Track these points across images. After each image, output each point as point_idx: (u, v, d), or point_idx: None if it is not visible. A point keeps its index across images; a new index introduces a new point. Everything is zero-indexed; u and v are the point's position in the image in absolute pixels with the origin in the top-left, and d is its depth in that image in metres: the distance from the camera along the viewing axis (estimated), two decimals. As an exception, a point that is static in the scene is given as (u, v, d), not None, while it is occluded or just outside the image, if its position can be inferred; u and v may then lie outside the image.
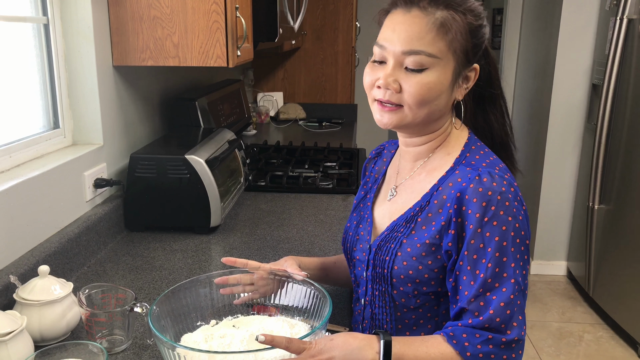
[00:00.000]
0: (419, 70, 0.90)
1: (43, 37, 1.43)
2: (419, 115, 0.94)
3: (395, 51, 0.91)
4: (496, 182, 0.89)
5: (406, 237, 0.95)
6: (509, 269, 0.87)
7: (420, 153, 1.02)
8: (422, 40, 0.90)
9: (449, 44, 0.90)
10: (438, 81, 0.91)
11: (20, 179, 1.20)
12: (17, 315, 0.94)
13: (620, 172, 2.81)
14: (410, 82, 0.91)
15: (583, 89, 3.27)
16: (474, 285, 0.87)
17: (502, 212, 0.87)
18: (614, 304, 2.89)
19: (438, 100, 0.93)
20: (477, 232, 0.87)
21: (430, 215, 0.94)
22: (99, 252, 1.45)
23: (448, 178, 0.94)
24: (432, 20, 0.90)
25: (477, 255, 0.88)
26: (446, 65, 0.91)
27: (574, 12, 3.18)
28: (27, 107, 1.40)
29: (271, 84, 3.54)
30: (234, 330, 1.00)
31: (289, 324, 1.01)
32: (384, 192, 1.09)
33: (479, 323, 0.86)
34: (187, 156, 1.53)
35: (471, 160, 0.95)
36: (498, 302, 0.86)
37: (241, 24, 1.60)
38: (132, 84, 1.72)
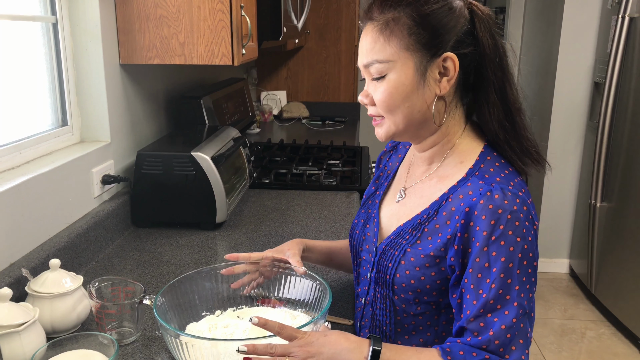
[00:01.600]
0: (380, 78, 0.91)
1: (52, 36, 1.45)
2: (398, 121, 0.93)
3: (361, 67, 0.94)
4: (508, 200, 0.85)
5: (411, 245, 0.94)
6: (513, 291, 0.84)
7: (431, 157, 0.99)
8: (373, 49, 0.90)
9: (398, 43, 0.88)
10: (399, 83, 0.89)
11: (31, 175, 1.23)
12: (29, 307, 0.97)
13: (622, 169, 2.82)
14: (376, 92, 0.92)
15: (585, 87, 3.28)
16: (475, 305, 0.85)
17: (510, 232, 0.84)
18: (616, 301, 2.90)
19: (408, 101, 0.90)
20: (483, 251, 0.85)
21: (437, 226, 0.92)
22: (107, 248, 1.47)
23: (459, 189, 0.91)
24: (376, 26, 0.90)
25: (481, 274, 0.85)
26: (404, 64, 0.89)
27: (576, 11, 3.19)
28: (36, 105, 1.42)
29: (274, 82, 3.56)
30: (237, 320, 1.02)
31: (291, 315, 1.03)
32: (393, 191, 1.08)
33: (477, 343, 0.84)
34: (193, 153, 1.55)
35: (485, 173, 0.91)
36: (499, 325, 0.83)
37: (246, 22, 1.63)
38: (138, 82, 1.75)
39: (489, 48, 0.91)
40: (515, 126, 0.95)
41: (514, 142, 0.94)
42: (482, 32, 0.91)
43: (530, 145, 0.96)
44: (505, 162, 0.94)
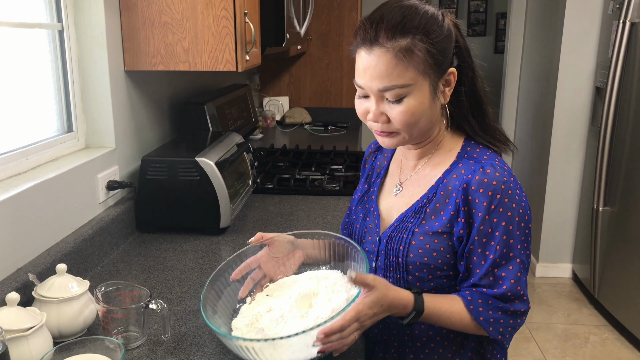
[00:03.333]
0: (398, 101, 0.96)
1: (58, 43, 1.47)
2: (415, 134, 1.01)
3: (372, 89, 0.97)
4: (499, 173, 0.97)
5: (417, 226, 1.02)
6: (515, 249, 0.97)
7: (423, 152, 1.09)
8: (391, 75, 0.94)
9: (416, 69, 0.94)
10: (419, 103, 0.96)
11: (36, 181, 1.24)
12: (37, 312, 0.97)
13: (624, 174, 2.83)
14: (394, 113, 0.97)
15: (586, 92, 3.29)
16: (484, 265, 0.97)
17: (506, 200, 0.96)
18: (620, 306, 2.90)
19: (425, 117, 0.99)
20: (486, 219, 0.96)
21: (438, 205, 1.02)
22: (112, 253, 1.48)
23: (452, 171, 1.02)
24: (393, 55, 0.93)
25: (486, 239, 0.97)
26: (422, 86, 0.96)
27: (577, 16, 3.20)
28: (42, 111, 1.43)
29: (277, 88, 3.57)
30: (273, 300, 1.02)
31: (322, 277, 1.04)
32: (388, 186, 1.15)
33: (493, 294, 0.98)
34: (198, 159, 1.56)
35: (473, 154, 1.03)
36: (508, 279, 0.97)
37: (250, 29, 1.64)
38: (143, 88, 1.76)
39: (465, 52, 1.04)
40: (484, 116, 1.07)
41: (486, 130, 1.07)
42: (461, 40, 1.03)
43: (497, 133, 1.08)
44: (483, 146, 1.06)
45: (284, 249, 1.12)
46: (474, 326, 0.99)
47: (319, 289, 1.01)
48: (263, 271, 1.11)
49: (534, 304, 3.25)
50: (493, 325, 0.98)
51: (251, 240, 1.11)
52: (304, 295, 1.00)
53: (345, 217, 1.26)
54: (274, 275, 1.12)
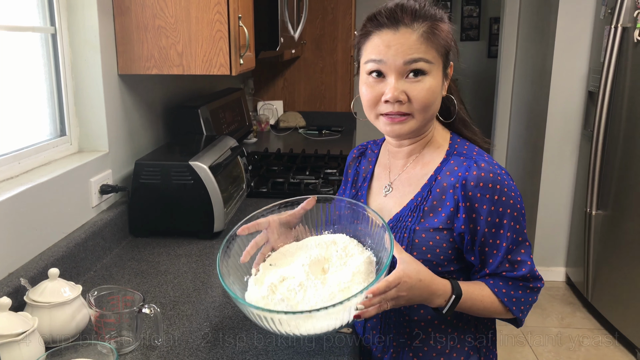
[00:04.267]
0: (422, 76, 0.99)
1: (51, 47, 1.46)
2: (425, 119, 1.03)
3: (396, 64, 0.98)
4: (492, 166, 1.01)
5: (417, 224, 1.04)
6: (522, 233, 1.03)
7: (413, 149, 1.11)
8: (419, 49, 0.99)
9: (437, 49, 1.00)
10: (436, 84, 1.01)
11: (29, 185, 1.23)
12: (28, 317, 0.97)
13: (617, 177, 2.84)
14: (416, 90, 0.99)
15: (579, 96, 3.31)
16: (497, 254, 1.01)
17: (506, 190, 1.00)
18: (613, 309, 2.91)
19: (437, 100, 1.03)
20: (492, 210, 0.99)
21: (435, 203, 1.03)
22: (105, 257, 1.47)
23: (444, 168, 1.04)
24: (421, 33, 0.99)
25: (495, 229, 1.00)
26: (437, 69, 1.01)
27: (570, 21, 3.22)
28: (35, 115, 1.43)
29: (271, 92, 3.57)
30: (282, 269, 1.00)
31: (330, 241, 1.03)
32: (376, 189, 1.17)
33: (513, 276, 1.02)
34: (191, 162, 1.55)
35: (462, 151, 1.06)
36: (525, 263, 1.02)
37: (244, 33, 1.64)
38: (136, 92, 1.75)
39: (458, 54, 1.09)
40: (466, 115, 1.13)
41: (468, 126, 1.13)
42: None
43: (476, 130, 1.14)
44: (470, 144, 1.10)
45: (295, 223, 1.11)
46: (502, 308, 1.03)
47: (331, 254, 1.00)
48: (267, 236, 1.09)
49: (528, 307, 3.26)
50: (516, 304, 1.03)
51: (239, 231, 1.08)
52: (315, 261, 0.99)
53: None
54: (275, 242, 1.09)
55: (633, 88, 2.69)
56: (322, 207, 1.10)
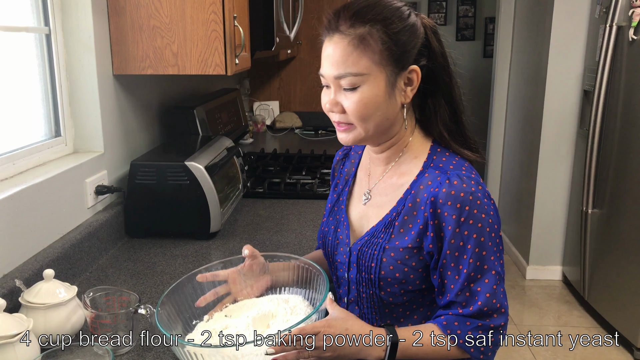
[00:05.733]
0: (353, 89, 0.96)
1: (45, 47, 1.46)
2: (370, 128, 0.99)
3: (330, 77, 0.98)
4: (466, 184, 0.95)
5: (387, 242, 1.01)
6: (488, 261, 0.95)
7: (389, 157, 1.07)
8: (346, 62, 0.95)
9: (371, 58, 0.94)
10: (372, 95, 0.95)
11: (24, 186, 1.22)
12: (23, 318, 0.96)
13: (612, 176, 2.85)
14: (348, 102, 0.97)
15: (575, 95, 3.32)
16: (458, 280, 0.95)
17: (475, 211, 0.94)
18: (609, 308, 2.92)
19: (380, 110, 0.97)
20: (456, 232, 0.94)
21: (406, 218, 1.00)
22: (101, 258, 1.47)
23: (419, 181, 1.01)
24: (349, 41, 0.94)
25: (458, 252, 0.95)
26: (377, 77, 0.95)
27: (565, 20, 3.23)
28: (29, 116, 1.42)
29: (267, 93, 3.57)
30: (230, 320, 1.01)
31: (282, 299, 1.03)
32: (357, 194, 1.14)
33: (469, 313, 0.95)
34: (187, 163, 1.55)
35: (439, 164, 1.01)
36: (484, 294, 0.95)
37: (239, 32, 1.64)
38: (132, 92, 1.75)
39: (440, 57, 1.02)
40: (459, 126, 1.06)
41: (457, 139, 1.05)
42: (434, 43, 1.01)
43: (471, 142, 1.07)
44: (451, 152, 1.04)
45: (259, 270, 1.10)
46: (455, 350, 0.96)
47: (278, 311, 1.00)
48: (229, 287, 1.09)
49: (525, 306, 3.26)
50: (475, 346, 0.95)
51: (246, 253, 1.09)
52: (262, 315, 0.99)
53: (321, 226, 1.24)
54: (237, 294, 1.09)
55: (628, 87, 2.69)
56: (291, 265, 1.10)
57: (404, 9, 0.98)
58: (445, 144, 1.05)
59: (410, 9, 1.00)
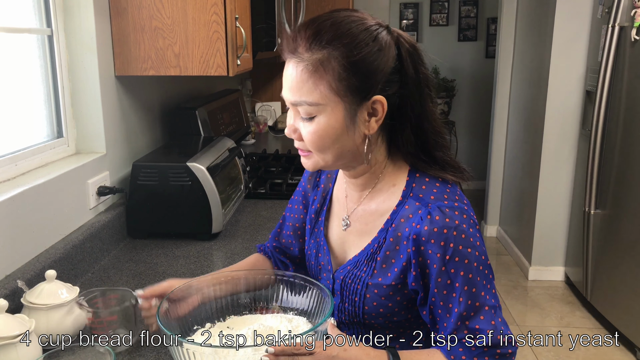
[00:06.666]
0: (310, 119, 0.89)
1: (47, 48, 1.46)
2: (328, 159, 0.92)
3: (288, 102, 0.92)
4: (448, 217, 0.88)
5: (370, 277, 0.96)
6: (480, 297, 0.89)
7: (364, 184, 1.00)
8: (301, 90, 0.88)
9: (328, 87, 0.86)
10: (328, 126, 0.88)
11: (26, 187, 1.22)
12: (25, 319, 0.96)
13: (615, 176, 2.84)
14: (304, 131, 0.90)
15: (577, 96, 3.31)
16: (450, 318, 0.90)
17: (461, 247, 0.88)
18: (612, 309, 2.91)
19: (338, 143, 0.90)
20: (442, 270, 0.88)
21: (388, 253, 0.94)
22: (103, 259, 1.47)
23: (399, 213, 0.94)
24: (304, 67, 0.86)
25: (447, 291, 0.89)
26: (334, 108, 0.87)
27: (567, 21, 3.22)
28: (31, 117, 1.42)
29: (269, 94, 3.57)
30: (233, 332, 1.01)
31: (286, 318, 1.03)
32: (336, 216, 1.07)
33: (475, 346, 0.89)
34: (189, 164, 1.55)
35: (419, 193, 0.93)
36: (485, 331, 0.89)
37: (241, 33, 1.64)
38: (133, 93, 1.75)
39: (412, 83, 0.91)
40: (432, 155, 0.95)
41: (433, 167, 0.96)
42: (408, 68, 0.90)
43: (448, 166, 0.96)
44: (431, 177, 0.95)
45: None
46: None
47: (281, 327, 1.00)
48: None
49: (527, 307, 3.26)
50: None
51: (140, 294, 1.01)
52: (264, 329, 0.99)
53: (277, 229, 1.20)
54: None
55: (631, 87, 2.69)
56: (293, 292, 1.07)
57: (373, 28, 0.87)
58: (423, 169, 0.96)
59: (384, 28, 0.89)
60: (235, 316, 1.08)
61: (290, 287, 1.07)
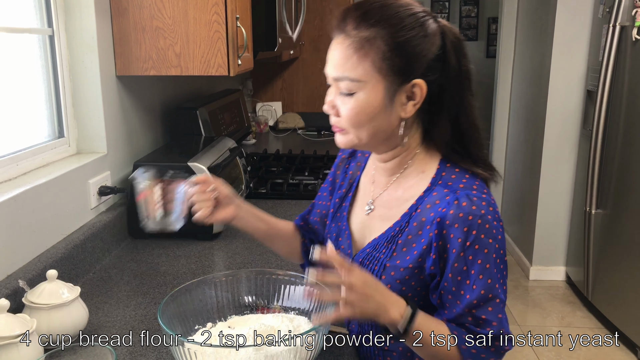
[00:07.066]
0: (350, 95, 0.91)
1: (48, 48, 1.46)
2: (362, 137, 0.94)
3: (330, 78, 0.95)
4: (475, 205, 0.89)
5: (389, 259, 0.97)
6: (494, 289, 0.91)
7: (393, 169, 1.02)
8: (344, 65, 0.90)
9: (372, 65, 0.88)
10: (367, 103, 0.90)
11: (27, 187, 1.23)
12: (27, 319, 0.96)
13: (616, 176, 2.84)
14: (343, 107, 0.93)
15: (578, 96, 3.31)
16: (460, 305, 0.91)
17: (483, 236, 0.89)
18: (613, 308, 2.91)
19: (375, 121, 0.92)
20: (461, 256, 0.89)
21: (410, 237, 0.95)
22: (104, 259, 1.47)
23: (425, 199, 0.95)
24: (350, 43, 0.89)
25: (461, 277, 0.90)
26: (375, 86, 0.90)
27: (568, 20, 3.22)
28: (33, 117, 1.42)
29: (270, 93, 3.58)
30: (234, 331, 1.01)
31: (288, 318, 1.03)
32: (360, 202, 1.09)
33: (476, 331, 0.91)
34: (190, 163, 1.55)
35: (448, 181, 0.95)
36: (490, 323, 0.91)
37: (242, 33, 1.64)
38: (134, 93, 1.75)
39: (454, 74, 0.93)
40: (466, 148, 0.97)
41: (465, 160, 0.98)
42: (451, 58, 0.92)
43: (480, 161, 0.98)
44: (462, 168, 0.97)
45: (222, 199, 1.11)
46: (456, 354, 0.91)
47: (282, 327, 1.00)
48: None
49: (528, 307, 3.26)
50: (473, 356, 0.91)
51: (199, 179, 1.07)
52: (265, 329, 0.99)
53: (305, 212, 1.25)
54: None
55: (632, 86, 2.69)
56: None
57: (420, 15, 0.90)
58: (454, 161, 0.98)
59: (431, 16, 0.92)
60: (237, 316, 1.08)
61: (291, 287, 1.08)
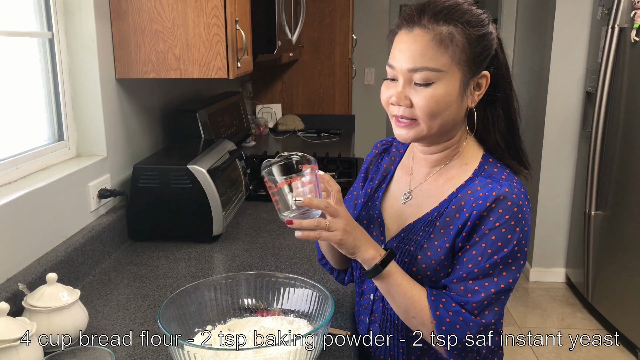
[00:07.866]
0: (427, 85, 0.95)
1: (48, 52, 1.46)
2: (433, 127, 0.98)
3: (402, 69, 0.96)
4: (516, 195, 0.95)
5: (426, 240, 1.00)
6: (498, 272, 0.94)
7: (438, 160, 1.06)
8: (425, 56, 0.94)
9: (451, 57, 0.95)
10: (445, 93, 0.96)
11: (27, 190, 1.23)
12: (27, 322, 0.96)
13: (615, 177, 2.84)
14: (419, 97, 0.96)
15: (577, 97, 3.32)
16: (460, 273, 0.96)
17: (513, 222, 0.94)
18: (613, 310, 2.91)
19: (448, 110, 0.97)
20: (485, 233, 0.94)
21: (447, 219, 0.99)
22: (104, 262, 1.47)
23: (467, 187, 1.00)
24: (432, 37, 0.94)
25: (475, 251, 0.95)
26: (452, 77, 0.95)
27: (567, 22, 3.23)
28: (32, 120, 1.42)
29: (270, 96, 3.58)
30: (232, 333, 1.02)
31: (287, 320, 1.03)
32: (394, 193, 1.12)
33: (458, 300, 0.95)
34: (190, 166, 1.55)
35: (490, 173, 1.00)
36: (479, 294, 0.93)
37: (241, 36, 1.64)
38: (134, 96, 1.75)
39: (504, 67, 1.03)
40: (514, 137, 1.06)
41: (511, 151, 1.05)
42: (501, 53, 1.03)
43: (522, 154, 1.06)
44: (502, 165, 1.03)
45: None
46: (427, 319, 0.95)
47: (281, 329, 1.00)
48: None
49: (528, 308, 3.26)
50: (448, 327, 0.93)
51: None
52: (264, 331, 1.00)
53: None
54: None
55: (631, 88, 2.69)
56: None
57: (484, 16, 0.99)
58: (498, 155, 1.04)
59: (490, 18, 1.01)
60: (236, 318, 1.08)
61: (291, 290, 1.08)
